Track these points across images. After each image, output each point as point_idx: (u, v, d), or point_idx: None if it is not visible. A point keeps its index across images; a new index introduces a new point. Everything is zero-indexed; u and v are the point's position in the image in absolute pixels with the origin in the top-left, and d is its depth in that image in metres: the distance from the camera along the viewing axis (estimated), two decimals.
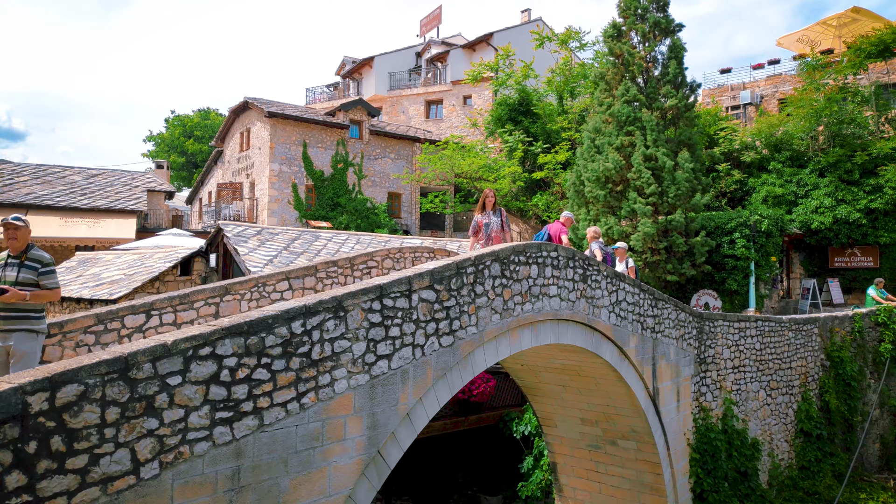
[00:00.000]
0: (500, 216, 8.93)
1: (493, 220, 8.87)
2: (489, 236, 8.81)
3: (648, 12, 19.93)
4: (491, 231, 8.82)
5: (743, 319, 12.09)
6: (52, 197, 26.20)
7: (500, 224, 8.88)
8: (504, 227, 8.90)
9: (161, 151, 42.52)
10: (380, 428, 5.29)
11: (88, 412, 3.55)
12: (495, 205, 8.99)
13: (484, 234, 8.85)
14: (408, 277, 5.54)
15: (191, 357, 4.02)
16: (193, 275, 16.35)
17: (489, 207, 8.94)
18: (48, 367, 3.51)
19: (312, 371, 4.76)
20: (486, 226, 8.86)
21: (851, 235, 20.02)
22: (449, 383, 6.01)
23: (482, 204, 8.98)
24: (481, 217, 8.90)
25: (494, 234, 8.81)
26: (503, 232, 8.89)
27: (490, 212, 8.90)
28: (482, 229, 8.87)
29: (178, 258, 16.08)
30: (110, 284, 16.12)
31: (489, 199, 8.98)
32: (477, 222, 8.91)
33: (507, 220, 8.97)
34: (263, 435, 4.43)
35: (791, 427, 12.89)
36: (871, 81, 22.01)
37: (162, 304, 5.81)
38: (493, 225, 8.84)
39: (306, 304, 4.71)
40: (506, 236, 8.89)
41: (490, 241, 8.78)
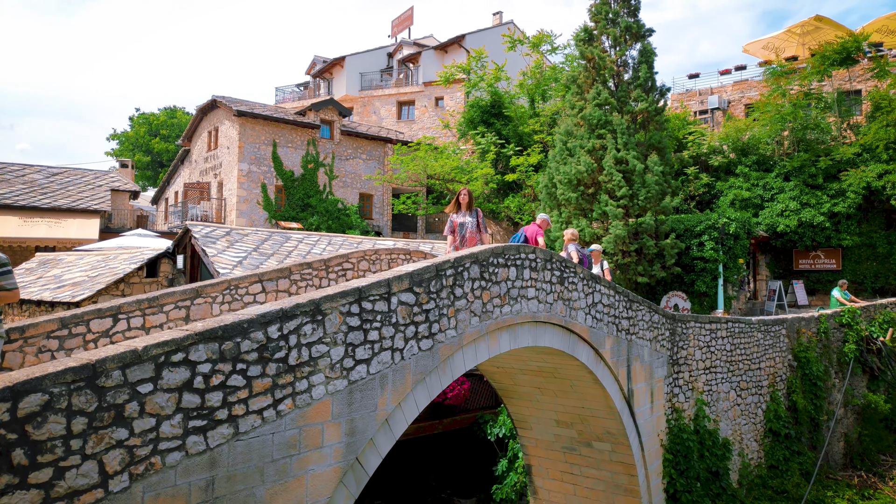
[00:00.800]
0: (475, 216, 8.62)
1: (469, 219, 8.58)
2: (464, 237, 8.54)
3: (620, 17, 20.13)
4: (466, 231, 8.55)
5: (714, 321, 12.23)
6: (11, 196, 25.36)
7: (476, 224, 8.59)
8: (480, 227, 8.62)
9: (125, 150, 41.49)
10: (358, 434, 5.16)
11: (53, 423, 3.36)
12: (471, 204, 8.69)
13: (459, 234, 8.60)
14: (387, 280, 5.42)
15: (163, 363, 3.85)
16: (160, 276, 15.95)
17: (464, 207, 8.65)
18: (9, 376, 3.31)
19: (289, 377, 4.61)
20: (462, 226, 8.59)
21: (815, 238, 20.49)
22: (428, 388, 5.90)
23: (456, 202, 8.67)
24: (457, 216, 8.64)
25: (469, 235, 8.54)
26: (479, 233, 8.62)
27: (465, 211, 8.62)
28: (457, 229, 8.62)
29: (144, 259, 15.67)
30: (72, 286, 15.62)
31: (464, 198, 8.67)
32: (452, 222, 8.65)
33: (484, 220, 8.71)
34: (239, 443, 4.27)
35: (760, 427, 13.09)
36: (833, 88, 22.57)
37: (130, 307, 5.59)
38: (469, 225, 8.56)
39: (283, 307, 4.56)
40: (482, 237, 8.63)
41: (465, 241, 8.52)
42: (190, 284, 6.11)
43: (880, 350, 15.24)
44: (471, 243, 8.48)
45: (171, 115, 42.72)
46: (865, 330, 15.32)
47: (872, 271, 20.46)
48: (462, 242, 8.53)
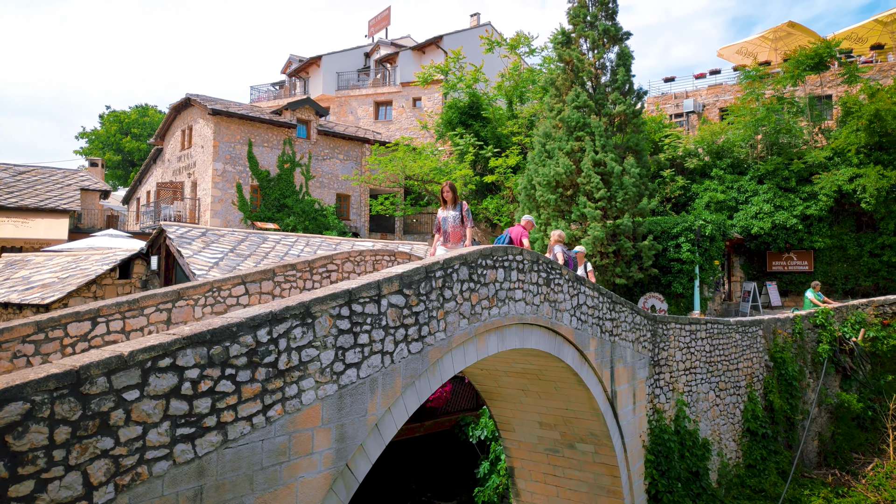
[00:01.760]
0: (459, 209, 8.46)
1: (451, 213, 8.44)
2: (447, 231, 8.45)
3: (598, 20, 20.25)
4: (448, 226, 8.44)
5: (694, 322, 12.33)
6: None
7: (460, 218, 8.42)
8: (465, 220, 8.44)
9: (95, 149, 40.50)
10: (348, 440, 5.04)
11: (35, 433, 3.19)
12: (455, 198, 8.52)
13: (442, 228, 8.50)
14: (377, 282, 5.31)
15: (149, 369, 3.70)
16: (133, 278, 15.59)
17: (449, 202, 8.50)
18: None
19: (279, 382, 4.48)
20: (444, 220, 8.47)
21: (789, 240, 20.84)
22: (417, 391, 5.80)
23: (441, 198, 8.57)
24: (441, 212, 8.54)
25: (452, 229, 8.42)
26: (462, 226, 8.45)
27: (450, 206, 8.49)
28: (441, 224, 8.52)
29: (117, 260, 15.29)
30: (42, 288, 15.17)
31: (447, 193, 8.50)
32: (438, 218, 8.60)
33: (469, 212, 8.48)
34: (227, 451, 4.13)
35: (738, 426, 13.24)
36: (805, 93, 23.00)
37: (109, 310, 5.39)
38: (451, 219, 8.42)
39: (272, 310, 4.42)
40: (465, 231, 8.45)
41: (448, 236, 8.43)
42: (171, 287, 5.92)
43: (853, 350, 15.53)
44: (454, 238, 8.39)
45: (142, 113, 41.84)
46: (838, 330, 15.61)
47: (843, 273, 20.87)
48: (445, 238, 8.43)
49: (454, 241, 8.39)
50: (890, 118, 19.17)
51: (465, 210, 8.45)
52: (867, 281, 20.41)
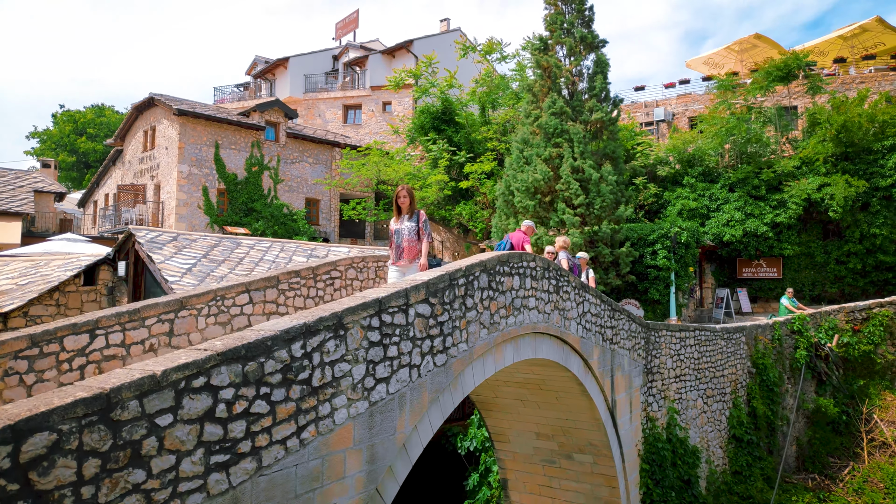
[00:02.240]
0: (416, 220, 7.04)
1: (406, 225, 6.98)
2: (400, 247, 6.97)
3: (574, 27, 20.27)
4: (403, 239, 6.97)
5: (683, 329, 12.30)
6: None
7: (416, 230, 6.99)
8: (421, 233, 6.99)
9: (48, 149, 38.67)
10: (378, 461, 4.67)
11: (62, 468, 2.75)
12: (413, 206, 7.11)
13: (395, 243, 7.04)
14: (405, 290, 4.97)
15: (183, 390, 3.28)
16: (99, 285, 14.78)
17: (405, 210, 7.08)
18: (7, 412, 2.68)
19: (313, 400, 4.09)
20: (398, 233, 7.02)
21: (759, 248, 21.19)
22: (441, 407, 5.47)
23: (395, 206, 7.15)
24: (395, 224, 7.12)
25: (406, 244, 6.95)
26: (419, 241, 6.99)
27: (405, 216, 7.05)
28: (393, 237, 7.09)
29: (82, 266, 14.47)
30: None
31: (403, 201, 7.04)
32: (390, 231, 7.21)
33: (427, 224, 7.08)
34: (262, 479, 3.72)
35: (724, 433, 13.26)
36: (773, 103, 23.51)
37: (108, 321, 4.89)
38: (406, 232, 6.96)
39: (306, 321, 4.04)
40: (421, 246, 6.98)
41: (402, 252, 6.96)
42: (174, 296, 5.44)
43: (828, 356, 15.79)
44: (409, 254, 6.96)
45: (99, 113, 40.16)
46: (814, 336, 15.86)
47: (810, 279, 21.33)
48: (398, 254, 7.00)
49: (409, 258, 6.94)
50: (856, 129, 19.69)
51: (422, 221, 7.06)
52: (833, 287, 20.90)
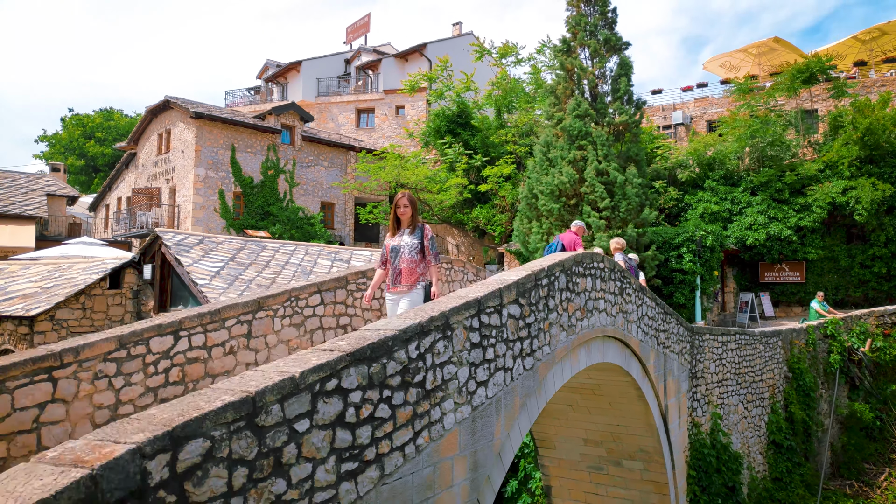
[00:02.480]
0: (419, 236, 5.66)
1: (407, 241, 5.65)
2: (397, 269, 5.63)
3: (598, 29, 20.14)
4: (401, 259, 5.62)
5: (725, 333, 12.09)
6: None
7: (420, 248, 5.64)
8: (427, 252, 5.65)
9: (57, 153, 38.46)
10: (480, 469, 4.46)
11: (215, 477, 2.54)
12: (414, 217, 5.73)
13: (392, 263, 5.70)
14: (499, 290, 4.77)
15: (318, 393, 3.08)
16: (124, 288, 14.60)
17: (405, 223, 5.72)
18: (160, 417, 2.48)
19: (426, 404, 3.89)
20: (395, 251, 5.66)
21: (782, 251, 21.01)
22: (528, 413, 5.26)
23: (394, 217, 5.75)
24: (391, 240, 5.77)
25: (407, 265, 5.60)
26: (422, 262, 5.65)
27: (406, 230, 5.71)
28: (389, 257, 5.74)
29: (107, 269, 14.29)
30: (23, 299, 14.02)
31: (403, 210, 5.68)
32: (385, 247, 5.81)
33: (434, 241, 5.72)
34: (384, 488, 3.51)
35: (763, 439, 13.04)
36: (795, 106, 23.38)
37: (191, 322, 4.68)
38: (406, 250, 5.62)
39: (420, 321, 3.84)
40: (427, 267, 5.66)
41: (399, 276, 5.63)
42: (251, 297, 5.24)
43: (861, 360, 15.59)
44: (409, 278, 5.60)
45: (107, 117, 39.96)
46: (847, 341, 15.66)
47: (834, 283, 21.15)
48: (395, 278, 5.64)
49: (408, 283, 5.59)
50: (881, 132, 19.55)
51: (427, 238, 5.67)
52: (857, 291, 20.72)
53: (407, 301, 5.58)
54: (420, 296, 5.58)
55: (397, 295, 5.67)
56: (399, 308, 5.60)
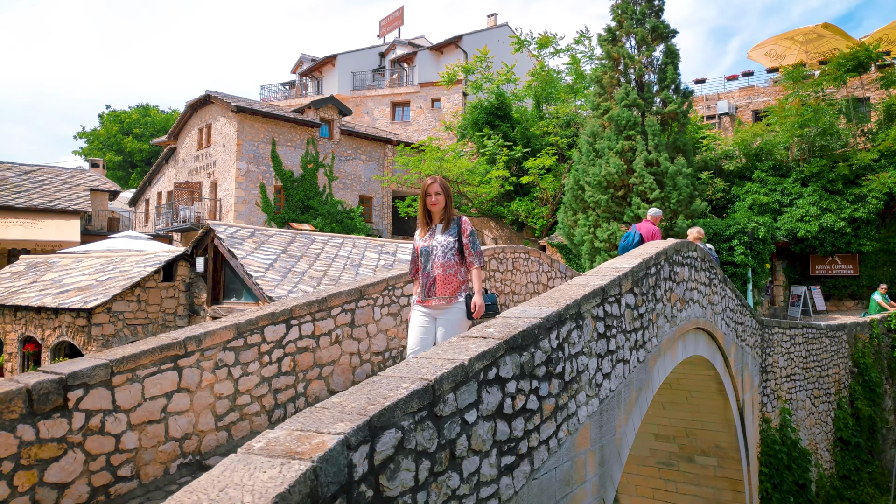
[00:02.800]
0: (456, 232, 4.47)
1: (441, 241, 4.44)
2: (430, 276, 4.42)
3: (645, 17, 19.73)
4: (434, 264, 4.42)
5: (793, 326, 11.74)
6: None
7: (457, 247, 4.45)
8: (467, 253, 4.45)
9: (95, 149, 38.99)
10: (606, 464, 4.28)
11: (405, 471, 2.40)
12: (448, 209, 4.51)
13: (423, 268, 4.49)
14: (618, 278, 4.56)
15: (482, 382, 2.91)
16: (177, 281, 14.65)
17: (436, 216, 4.52)
18: (350, 406, 2.33)
19: (565, 396, 3.71)
20: (427, 253, 4.47)
21: (835, 244, 20.43)
22: (640, 406, 5.06)
23: (423, 208, 4.54)
24: (421, 239, 4.57)
25: (443, 269, 4.39)
26: (461, 265, 4.45)
27: (439, 225, 4.50)
28: (419, 258, 4.55)
29: (161, 262, 14.35)
30: (79, 291, 14.15)
31: (434, 199, 4.45)
32: (415, 248, 4.60)
33: (475, 237, 4.52)
34: (534, 483, 3.34)
35: (830, 435, 12.66)
36: (846, 95, 22.71)
37: (301, 310, 4.57)
38: (440, 250, 4.42)
39: (557, 309, 3.65)
40: (472, 272, 4.46)
41: (434, 283, 4.40)
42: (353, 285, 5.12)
43: None
44: (446, 288, 4.39)
45: (144, 113, 40.42)
46: None
47: (889, 276, 20.50)
48: (429, 288, 4.42)
49: (445, 294, 4.38)
50: None
51: (466, 234, 4.49)
52: None
53: (445, 321, 4.32)
54: (461, 312, 4.33)
55: (431, 310, 4.40)
56: (439, 333, 4.31)
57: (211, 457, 3.96)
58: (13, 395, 3.07)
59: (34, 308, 14.04)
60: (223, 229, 14.40)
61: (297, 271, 13.50)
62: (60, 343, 13.93)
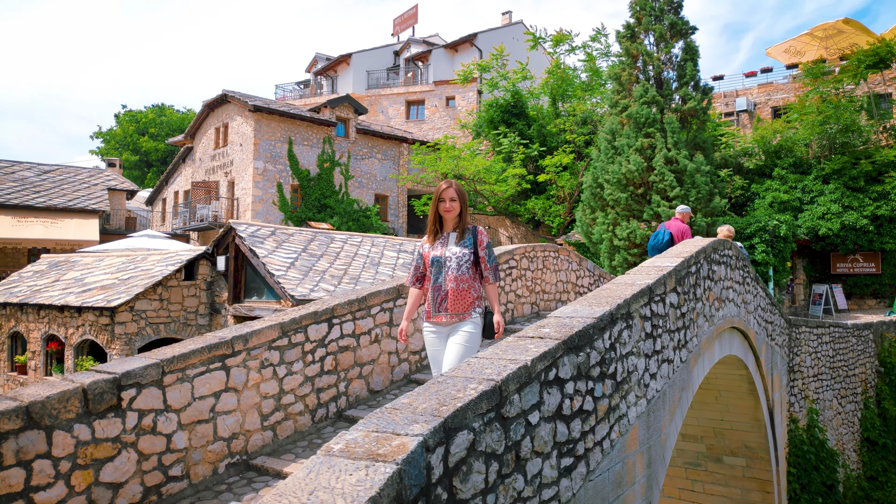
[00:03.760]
0: (471, 242, 4.02)
1: (454, 252, 3.99)
2: (441, 289, 3.96)
3: (664, 14, 19.58)
4: (447, 277, 3.95)
5: (820, 325, 11.61)
6: (2, 194, 23.59)
7: (472, 259, 4.01)
8: (483, 266, 4.01)
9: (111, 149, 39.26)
10: (653, 465, 4.22)
11: (476, 473, 2.36)
12: (463, 216, 4.07)
13: (433, 280, 4.01)
14: (662, 277, 4.50)
15: (543, 383, 2.87)
16: (198, 279, 14.70)
17: (449, 224, 4.06)
18: (421, 406, 2.30)
19: (617, 397, 3.66)
20: (438, 263, 4.00)
21: (857, 241, 20.19)
22: (682, 407, 5.00)
23: (435, 214, 4.06)
24: (430, 248, 4.08)
25: (455, 282, 3.94)
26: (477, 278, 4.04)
27: (451, 234, 4.05)
28: (429, 270, 4.06)
29: (183, 261, 14.40)
30: (102, 290, 14.24)
31: (449, 206, 3.99)
32: (422, 257, 4.12)
33: (492, 249, 4.10)
34: (589, 485, 3.30)
35: (857, 436, 12.51)
36: (867, 91, 22.43)
37: (342, 309, 4.55)
38: (453, 262, 3.97)
39: (610, 309, 3.60)
40: (485, 284, 4.05)
41: (446, 298, 3.93)
42: (392, 284, 5.09)
43: None
44: (458, 304, 3.93)
45: (159, 112, 40.66)
46: None
47: None
48: (440, 302, 3.95)
49: (457, 310, 3.93)
50: None
51: (483, 245, 4.05)
52: None
53: (459, 339, 3.86)
54: (477, 330, 3.91)
55: (442, 328, 3.98)
56: (448, 354, 3.85)
57: (257, 456, 3.95)
58: (70, 394, 3.06)
59: (57, 307, 14.15)
60: (244, 228, 14.45)
61: (317, 270, 13.51)
62: (83, 341, 14.03)
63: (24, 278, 17.02)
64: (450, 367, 3.75)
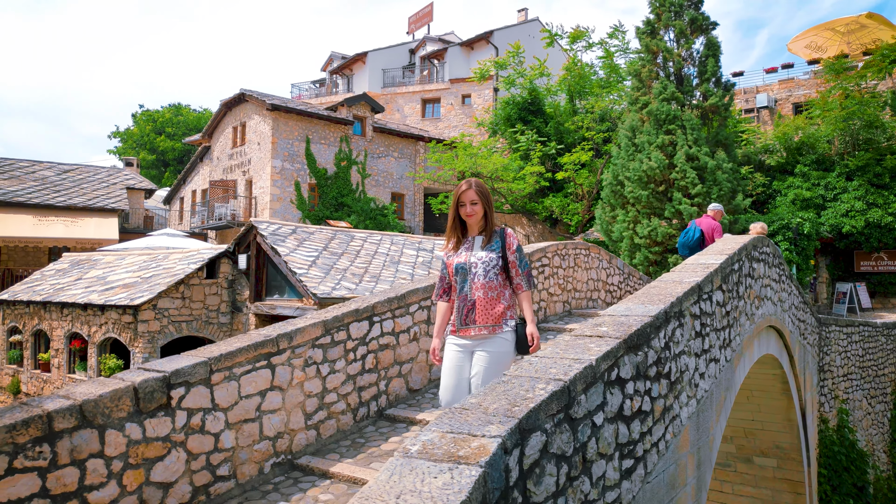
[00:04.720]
0: (499, 246, 3.63)
1: (481, 257, 3.60)
2: (468, 299, 3.58)
3: (683, 9, 19.38)
4: (472, 286, 3.58)
5: (850, 324, 11.43)
6: (24, 194, 23.77)
7: (501, 265, 3.62)
8: (514, 272, 3.62)
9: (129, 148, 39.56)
10: (702, 467, 4.14)
11: (548, 476, 2.29)
12: (489, 218, 3.67)
13: (459, 289, 3.63)
14: (710, 274, 4.41)
15: (606, 383, 2.80)
16: (220, 278, 14.73)
17: (474, 227, 3.67)
18: (492, 407, 2.23)
19: (671, 397, 3.58)
20: (462, 273, 3.62)
21: (882, 239, 19.87)
22: (726, 407, 4.90)
23: (455, 218, 3.68)
24: (453, 253, 3.71)
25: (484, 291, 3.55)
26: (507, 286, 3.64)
27: (475, 238, 3.67)
28: (454, 279, 3.68)
29: (205, 259, 14.44)
30: (124, 288, 14.30)
31: (471, 209, 3.59)
32: (445, 265, 3.74)
33: (522, 253, 3.69)
34: (647, 487, 3.22)
35: (887, 437, 12.31)
36: (888, 87, 22.08)
37: (382, 307, 4.50)
38: (480, 268, 3.58)
39: (664, 307, 3.52)
40: (518, 291, 3.64)
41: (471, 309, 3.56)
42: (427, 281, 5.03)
43: None
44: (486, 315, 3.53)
45: (176, 112, 40.89)
46: None
47: None
48: (466, 314, 3.56)
49: (487, 322, 3.53)
50: None
51: (512, 249, 3.66)
52: None
53: (485, 356, 3.47)
54: (508, 345, 3.52)
55: (469, 341, 3.57)
56: (474, 371, 3.49)
57: (301, 456, 3.90)
58: (122, 393, 3.03)
59: (80, 305, 14.23)
60: (265, 226, 14.46)
61: (338, 268, 13.49)
62: (106, 339, 14.10)
63: (47, 277, 17.14)
64: (477, 388, 3.40)
